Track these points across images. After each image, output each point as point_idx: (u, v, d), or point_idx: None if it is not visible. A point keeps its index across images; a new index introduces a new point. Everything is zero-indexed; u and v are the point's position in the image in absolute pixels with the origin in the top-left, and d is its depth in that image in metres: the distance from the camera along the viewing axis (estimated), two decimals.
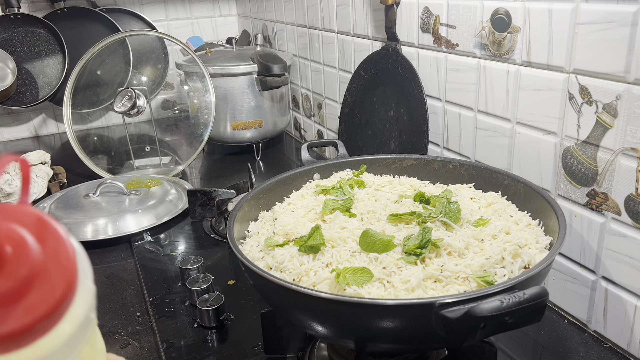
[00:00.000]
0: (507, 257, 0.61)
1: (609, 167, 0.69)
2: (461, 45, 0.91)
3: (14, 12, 1.68)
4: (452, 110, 0.97)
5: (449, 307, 0.49)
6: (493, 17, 0.83)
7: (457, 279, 0.58)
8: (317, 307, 0.56)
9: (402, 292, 0.57)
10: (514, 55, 0.80)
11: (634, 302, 0.70)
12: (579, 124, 0.72)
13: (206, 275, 0.89)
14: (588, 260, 0.75)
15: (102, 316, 0.88)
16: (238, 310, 0.85)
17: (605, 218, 0.71)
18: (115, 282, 0.98)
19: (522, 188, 0.75)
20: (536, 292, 0.48)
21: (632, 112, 0.64)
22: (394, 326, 0.53)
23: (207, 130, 1.46)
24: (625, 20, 0.63)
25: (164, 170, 1.47)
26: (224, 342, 0.80)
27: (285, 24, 1.68)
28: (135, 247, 1.08)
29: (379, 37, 1.15)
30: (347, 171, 0.89)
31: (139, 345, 0.81)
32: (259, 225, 0.77)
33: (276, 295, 0.60)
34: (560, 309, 0.82)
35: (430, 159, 0.87)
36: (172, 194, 1.26)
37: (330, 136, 1.52)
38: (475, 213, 0.72)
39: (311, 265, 0.62)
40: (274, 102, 1.58)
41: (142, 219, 1.15)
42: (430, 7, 0.97)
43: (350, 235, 0.67)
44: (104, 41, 1.43)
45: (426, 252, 0.61)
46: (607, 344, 0.74)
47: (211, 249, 1.07)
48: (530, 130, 0.81)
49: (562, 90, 0.73)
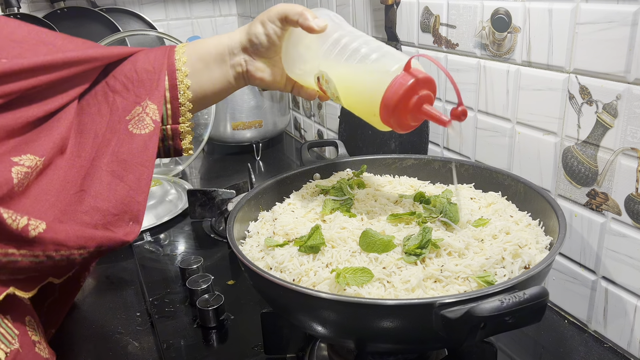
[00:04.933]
0: (507, 257, 0.61)
1: (609, 167, 0.69)
2: (461, 45, 0.91)
3: (14, 12, 1.68)
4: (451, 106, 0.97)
5: (449, 307, 0.49)
6: (493, 17, 0.83)
7: (457, 279, 0.58)
8: (317, 307, 0.56)
9: (402, 292, 0.57)
10: (514, 55, 0.80)
11: (634, 302, 0.70)
12: (579, 124, 0.72)
13: (206, 275, 0.89)
14: (588, 260, 0.75)
15: (102, 316, 0.88)
16: (238, 310, 0.85)
17: (605, 218, 0.71)
18: (115, 282, 0.98)
19: (522, 188, 0.75)
20: (536, 292, 0.48)
21: (632, 112, 0.64)
22: (394, 326, 0.53)
23: (207, 130, 1.46)
24: (626, 20, 0.63)
25: (164, 170, 1.47)
26: (224, 342, 0.80)
27: None
28: (135, 247, 1.08)
29: (379, 37, 1.15)
30: (347, 171, 0.89)
31: (139, 345, 0.81)
32: (259, 225, 0.77)
33: (276, 295, 0.60)
34: (561, 309, 0.82)
35: (430, 159, 0.87)
36: (172, 194, 1.26)
37: (330, 136, 1.52)
38: (476, 213, 0.72)
39: (311, 265, 0.62)
40: (274, 102, 1.58)
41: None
42: (430, 7, 0.97)
43: (350, 235, 0.67)
44: (103, 41, 1.43)
45: (426, 252, 0.61)
46: (607, 344, 0.74)
47: (211, 249, 1.07)
48: (530, 130, 0.80)
49: (562, 90, 0.73)
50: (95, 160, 0.59)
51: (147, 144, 0.60)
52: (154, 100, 0.62)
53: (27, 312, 0.61)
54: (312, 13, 0.65)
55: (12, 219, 0.50)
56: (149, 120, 0.61)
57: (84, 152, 0.60)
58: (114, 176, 0.58)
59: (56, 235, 0.53)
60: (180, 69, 0.65)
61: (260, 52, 0.69)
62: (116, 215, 0.58)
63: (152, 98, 0.62)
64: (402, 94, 0.60)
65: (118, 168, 0.58)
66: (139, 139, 0.60)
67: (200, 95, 0.68)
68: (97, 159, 0.59)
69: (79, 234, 0.55)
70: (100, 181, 0.58)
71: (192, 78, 0.66)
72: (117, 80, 0.62)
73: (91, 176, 0.58)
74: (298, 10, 0.65)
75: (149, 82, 0.63)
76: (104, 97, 0.62)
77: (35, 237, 0.51)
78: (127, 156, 0.59)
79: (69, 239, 0.54)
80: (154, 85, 0.63)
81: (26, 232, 0.51)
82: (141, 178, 0.59)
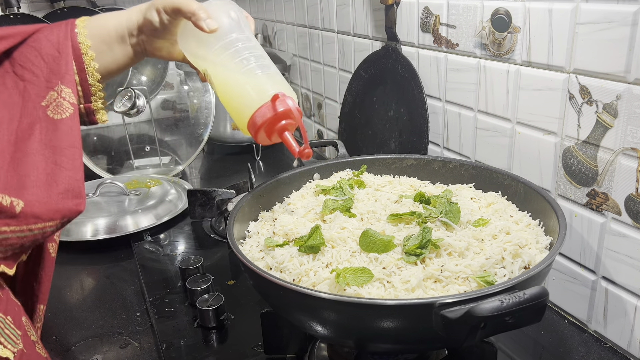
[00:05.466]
0: (507, 257, 0.61)
1: (609, 167, 0.69)
2: (461, 45, 0.91)
3: (14, 12, 1.68)
4: (452, 110, 0.97)
5: (449, 307, 0.49)
6: (493, 17, 0.83)
7: (457, 279, 0.58)
8: (317, 307, 0.56)
9: (402, 292, 0.57)
10: (514, 55, 0.80)
11: (634, 302, 0.70)
12: (579, 124, 0.72)
13: (206, 275, 0.89)
14: (588, 260, 0.75)
15: (102, 316, 0.88)
16: (238, 310, 0.85)
17: (605, 218, 0.71)
18: (115, 282, 0.98)
19: (522, 188, 0.75)
20: (536, 292, 0.48)
21: (632, 112, 0.64)
22: (394, 326, 0.53)
23: (207, 130, 1.46)
24: (625, 20, 0.63)
25: (164, 170, 1.47)
26: (224, 342, 0.80)
27: (285, 24, 1.68)
28: (135, 247, 1.08)
29: (379, 36, 1.15)
30: (347, 171, 0.89)
31: (138, 345, 0.81)
32: (259, 225, 0.77)
33: (276, 295, 0.60)
34: (561, 309, 0.82)
35: (430, 159, 0.87)
36: (171, 194, 1.26)
37: (330, 136, 1.52)
38: (476, 213, 0.72)
39: (311, 266, 0.62)
40: None
41: (142, 219, 1.15)
42: (431, 7, 0.97)
43: (350, 235, 0.67)
44: None
45: (426, 252, 0.61)
46: (607, 344, 0.74)
47: (211, 249, 1.07)
48: (530, 130, 0.80)
49: (562, 90, 0.73)
50: (19, 144, 0.62)
51: (72, 127, 0.63)
52: (67, 84, 0.65)
53: (22, 313, 0.62)
54: (206, 12, 0.67)
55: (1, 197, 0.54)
56: (67, 104, 0.64)
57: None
58: (48, 162, 0.62)
59: (32, 209, 0.57)
60: (87, 52, 0.68)
61: (157, 35, 0.72)
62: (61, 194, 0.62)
63: (64, 82, 0.65)
64: (269, 119, 0.66)
65: (50, 154, 0.62)
66: (62, 124, 0.63)
67: (105, 73, 0.72)
68: (21, 142, 0.62)
69: (48, 207, 0.59)
70: (36, 167, 0.61)
71: (97, 60, 0.70)
72: (25, 69, 0.65)
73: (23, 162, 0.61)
74: (191, 9, 0.67)
75: (57, 68, 0.65)
76: (14, 85, 0.64)
77: (20, 213, 0.56)
78: (57, 142, 0.62)
79: (42, 213, 0.58)
80: (62, 70, 0.65)
81: (13, 208, 0.55)
82: (74, 158, 0.63)
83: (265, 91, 0.66)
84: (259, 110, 0.66)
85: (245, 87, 0.68)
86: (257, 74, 0.68)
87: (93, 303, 0.92)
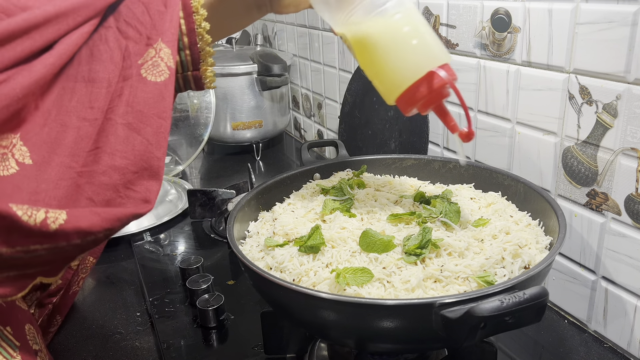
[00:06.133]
0: (507, 257, 0.61)
1: (609, 167, 0.69)
2: (461, 45, 0.91)
3: None
4: (452, 110, 0.96)
5: (449, 307, 0.49)
6: (493, 17, 0.83)
7: (457, 279, 0.58)
8: (317, 307, 0.56)
9: (402, 292, 0.57)
10: (514, 55, 0.80)
11: (634, 302, 0.70)
12: (579, 124, 0.72)
13: (206, 275, 0.89)
14: (588, 260, 0.75)
15: (102, 316, 0.88)
16: (238, 310, 0.85)
17: (605, 218, 0.71)
18: (115, 282, 0.98)
19: (522, 188, 0.75)
20: (536, 292, 0.48)
21: (632, 112, 0.64)
22: (394, 326, 0.53)
23: (207, 130, 1.46)
24: (625, 20, 0.63)
25: (164, 171, 1.47)
26: (224, 342, 0.80)
27: (285, 24, 1.68)
28: (135, 247, 1.08)
29: None
30: (347, 171, 0.89)
31: (139, 345, 0.81)
32: (259, 225, 0.77)
33: (276, 295, 0.60)
34: (560, 309, 0.82)
35: (430, 159, 0.87)
36: (172, 194, 1.26)
37: (330, 136, 1.52)
38: (475, 213, 0.72)
39: (311, 266, 0.62)
40: (274, 102, 1.58)
41: (142, 219, 1.15)
42: (430, 7, 0.97)
43: (350, 235, 0.67)
44: None
45: (426, 252, 0.61)
46: (607, 344, 0.74)
47: (211, 249, 1.07)
48: (530, 130, 0.81)
49: (562, 90, 0.73)
50: (110, 113, 0.53)
51: (163, 93, 0.54)
52: (167, 43, 0.55)
53: (26, 320, 0.59)
54: None
55: (27, 215, 0.44)
56: (163, 65, 0.55)
57: (97, 102, 0.53)
58: (130, 129, 0.52)
59: (79, 224, 0.48)
60: (198, 11, 0.58)
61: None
62: (135, 172, 0.53)
63: (165, 40, 0.55)
64: (437, 88, 0.58)
65: (134, 120, 0.52)
66: (153, 87, 0.54)
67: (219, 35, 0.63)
68: (112, 110, 0.53)
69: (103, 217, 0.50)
70: (116, 136, 0.52)
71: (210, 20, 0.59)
72: (130, 26, 0.55)
73: (106, 131, 0.52)
74: None
75: (161, 23, 0.56)
76: (116, 44, 0.55)
77: (56, 230, 0.46)
78: (143, 106, 0.53)
79: (94, 226, 0.49)
80: (165, 25, 0.56)
81: (46, 227, 0.46)
82: (159, 131, 0.53)
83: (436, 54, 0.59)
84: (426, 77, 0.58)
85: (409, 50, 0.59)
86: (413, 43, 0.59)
87: (93, 303, 0.92)
